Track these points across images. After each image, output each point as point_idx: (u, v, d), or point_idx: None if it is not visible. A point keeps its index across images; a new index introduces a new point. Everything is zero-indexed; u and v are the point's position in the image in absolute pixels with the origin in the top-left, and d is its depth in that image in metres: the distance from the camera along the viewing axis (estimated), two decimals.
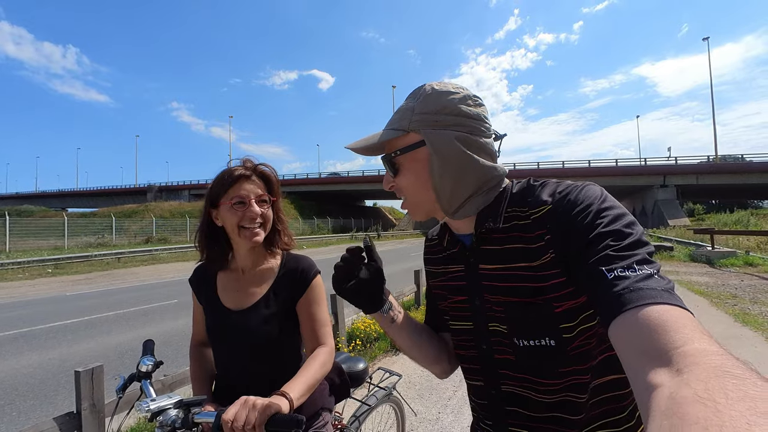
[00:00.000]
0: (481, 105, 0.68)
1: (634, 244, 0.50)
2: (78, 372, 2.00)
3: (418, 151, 0.65)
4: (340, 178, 47.54)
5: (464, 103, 0.65)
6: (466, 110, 0.65)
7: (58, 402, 3.36)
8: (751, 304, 5.92)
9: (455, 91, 0.66)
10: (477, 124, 0.65)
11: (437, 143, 0.63)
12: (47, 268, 13.25)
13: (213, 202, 1.05)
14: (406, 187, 0.69)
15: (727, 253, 10.70)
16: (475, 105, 0.66)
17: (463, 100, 0.65)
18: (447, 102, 0.64)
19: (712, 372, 0.31)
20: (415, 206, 0.71)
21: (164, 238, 24.09)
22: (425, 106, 0.65)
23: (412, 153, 0.66)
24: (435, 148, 0.63)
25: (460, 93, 0.66)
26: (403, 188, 0.70)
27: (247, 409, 0.77)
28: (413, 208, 0.72)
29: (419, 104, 0.66)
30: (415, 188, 0.68)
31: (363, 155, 0.74)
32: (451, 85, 0.67)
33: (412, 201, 0.71)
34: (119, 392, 1.02)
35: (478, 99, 0.67)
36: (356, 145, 0.71)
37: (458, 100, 0.65)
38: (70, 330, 5.69)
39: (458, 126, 0.64)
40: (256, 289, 1.09)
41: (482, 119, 0.66)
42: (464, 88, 0.67)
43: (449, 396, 3.21)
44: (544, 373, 0.63)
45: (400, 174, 0.69)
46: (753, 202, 47.80)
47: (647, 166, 36.27)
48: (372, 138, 0.69)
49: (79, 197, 68.76)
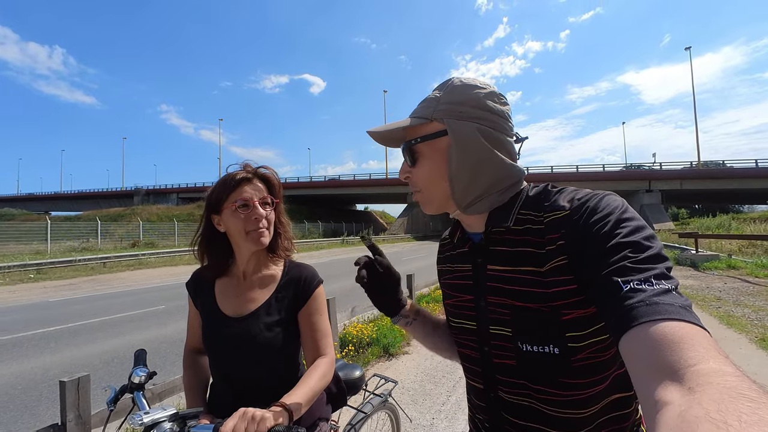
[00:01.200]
0: (507, 104, 0.68)
1: (652, 257, 0.49)
2: (63, 382, 1.93)
3: (439, 140, 0.65)
4: (331, 182, 47.36)
5: (490, 99, 0.65)
6: (491, 105, 0.65)
7: (40, 413, 3.24)
8: (735, 306, 6.05)
9: (482, 86, 0.66)
10: (501, 121, 0.65)
11: (459, 133, 0.63)
12: (29, 273, 12.83)
13: (215, 208, 1.04)
14: (422, 176, 0.68)
15: (711, 256, 10.93)
16: (500, 102, 0.66)
17: (489, 95, 0.65)
18: (473, 95, 0.65)
19: (726, 393, 0.30)
20: (428, 197, 0.70)
21: (151, 242, 23.62)
22: (451, 97, 0.65)
23: (432, 142, 0.66)
24: (456, 138, 0.63)
25: (487, 89, 0.66)
26: (419, 178, 0.69)
27: (245, 421, 0.75)
28: (426, 199, 0.71)
29: (445, 94, 0.66)
30: (431, 178, 0.67)
31: (380, 143, 0.74)
32: (479, 81, 0.67)
33: (426, 192, 0.69)
34: (110, 404, 0.98)
35: (504, 98, 0.68)
36: (377, 129, 0.70)
37: (484, 95, 0.65)
38: (53, 337, 5.51)
39: (482, 120, 0.64)
40: (257, 296, 1.06)
41: (506, 117, 0.67)
42: (491, 85, 0.67)
43: (443, 401, 3.20)
44: (544, 382, 0.62)
45: (418, 163, 0.68)
46: (734, 206, 49.24)
47: (633, 171, 37.16)
48: (395, 124, 0.69)
49: (63, 200, 67.18)
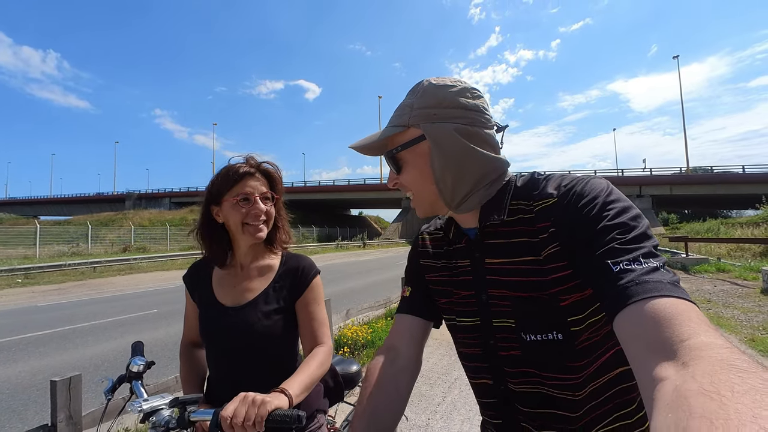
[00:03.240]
0: (480, 97, 0.67)
1: (639, 236, 0.50)
2: (54, 382, 1.90)
3: (418, 146, 0.65)
4: (325, 187, 47.38)
5: (462, 96, 0.65)
6: (464, 102, 0.64)
7: (28, 417, 3.18)
8: (724, 308, 6.15)
9: (452, 84, 0.65)
10: (476, 115, 0.65)
11: (436, 136, 0.63)
12: (17, 278, 12.58)
13: (215, 199, 1.04)
14: (409, 182, 0.69)
15: (701, 260, 11.11)
16: (473, 97, 0.65)
17: (461, 92, 0.65)
18: (445, 95, 0.64)
19: (718, 365, 0.31)
20: (419, 202, 0.71)
21: (143, 247, 23.31)
22: (424, 101, 0.65)
23: (413, 148, 0.66)
24: (435, 141, 0.63)
25: (458, 86, 0.65)
26: (407, 184, 0.70)
27: (246, 405, 0.75)
28: (418, 203, 0.72)
29: (418, 99, 0.65)
30: (418, 183, 0.68)
31: (366, 155, 0.74)
32: (449, 79, 0.67)
33: (416, 196, 0.70)
34: (108, 394, 0.97)
35: (477, 91, 0.66)
36: (359, 143, 0.71)
37: (456, 92, 0.64)
38: (42, 342, 5.41)
39: (457, 118, 0.63)
40: (255, 285, 1.07)
41: (482, 110, 0.65)
42: (462, 81, 0.67)
43: (438, 402, 3.20)
44: (552, 368, 0.62)
45: (403, 170, 0.69)
46: (722, 211, 50.01)
47: (624, 177, 37.52)
48: (373, 136, 0.69)
49: (53, 204, 66.17)
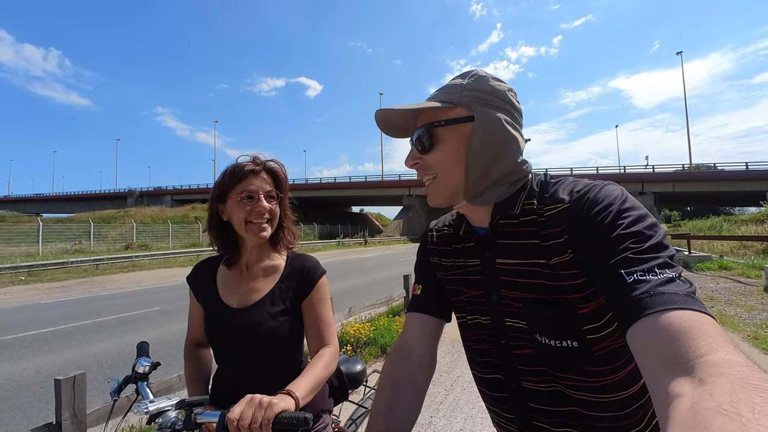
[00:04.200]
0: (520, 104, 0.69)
1: (655, 246, 0.48)
2: (59, 380, 1.91)
3: (462, 126, 0.64)
4: (326, 184, 47.30)
5: (511, 93, 0.66)
6: (512, 100, 0.66)
7: (33, 414, 3.20)
8: (727, 306, 6.14)
9: (504, 81, 0.67)
10: (518, 117, 0.67)
11: (486, 120, 0.62)
12: (20, 275, 12.64)
13: (221, 197, 1.03)
14: (438, 162, 0.65)
15: (703, 257, 11.08)
16: (517, 101, 0.67)
17: (510, 90, 0.66)
18: (498, 87, 0.65)
19: (738, 384, 0.30)
20: (440, 186, 0.67)
21: (145, 244, 23.41)
22: (478, 85, 0.65)
23: (455, 126, 0.64)
24: (483, 123, 0.62)
25: (507, 85, 0.67)
26: (434, 164, 0.66)
27: (253, 407, 0.75)
28: (437, 188, 0.68)
29: (471, 82, 0.65)
30: (448, 164, 0.65)
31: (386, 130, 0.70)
32: (499, 77, 0.68)
33: (440, 178, 0.67)
34: (114, 395, 0.97)
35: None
36: (396, 108, 0.65)
37: (507, 89, 0.66)
38: (46, 339, 5.44)
39: (506, 111, 0.64)
40: (260, 286, 1.06)
41: (521, 115, 0.68)
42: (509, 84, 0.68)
43: (441, 400, 3.20)
44: (568, 370, 0.61)
45: (436, 147, 0.65)
46: (725, 208, 49.82)
47: (626, 174, 37.43)
48: (418, 105, 0.65)
49: (55, 202, 66.34)
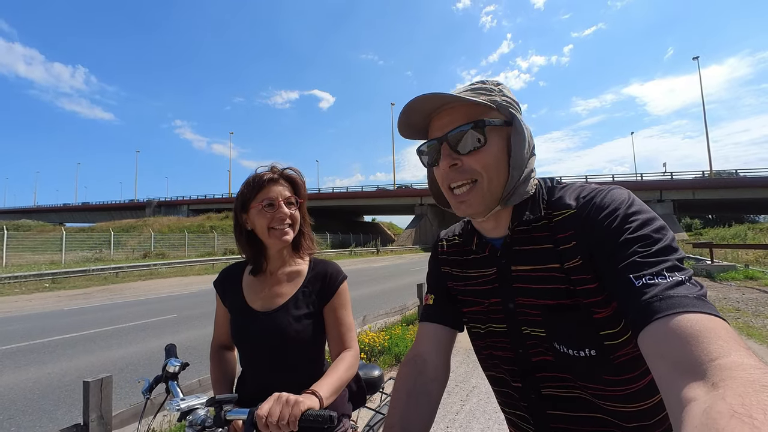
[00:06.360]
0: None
1: (663, 249, 0.48)
2: (87, 382, 1.98)
3: (503, 128, 0.64)
4: (338, 194, 47.68)
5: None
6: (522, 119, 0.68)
7: (58, 417, 3.29)
8: (754, 317, 5.90)
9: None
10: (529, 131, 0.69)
11: (521, 127, 0.63)
12: (44, 282, 13.10)
13: (243, 207, 1.08)
14: (485, 163, 0.62)
15: (727, 266, 10.69)
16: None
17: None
18: (517, 101, 0.67)
19: (750, 386, 0.30)
20: (482, 191, 0.63)
21: (162, 253, 23.96)
22: (508, 93, 0.66)
23: (499, 128, 0.63)
24: (520, 130, 0.63)
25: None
26: (478, 166, 0.62)
27: (280, 404, 0.78)
28: (479, 193, 0.63)
29: (502, 89, 0.66)
30: (495, 165, 0.62)
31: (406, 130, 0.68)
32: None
33: (483, 183, 0.63)
34: (146, 394, 1.02)
35: None
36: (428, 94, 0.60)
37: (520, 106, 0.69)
38: (69, 344, 5.61)
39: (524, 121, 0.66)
40: (284, 290, 1.10)
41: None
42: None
43: (457, 410, 3.16)
44: (590, 380, 0.60)
45: (485, 148, 0.62)
46: (749, 216, 48.09)
47: (643, 182, 36.58)
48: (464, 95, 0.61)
49: (78, 212, 68.74)
